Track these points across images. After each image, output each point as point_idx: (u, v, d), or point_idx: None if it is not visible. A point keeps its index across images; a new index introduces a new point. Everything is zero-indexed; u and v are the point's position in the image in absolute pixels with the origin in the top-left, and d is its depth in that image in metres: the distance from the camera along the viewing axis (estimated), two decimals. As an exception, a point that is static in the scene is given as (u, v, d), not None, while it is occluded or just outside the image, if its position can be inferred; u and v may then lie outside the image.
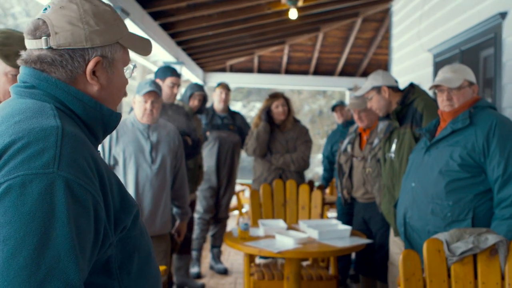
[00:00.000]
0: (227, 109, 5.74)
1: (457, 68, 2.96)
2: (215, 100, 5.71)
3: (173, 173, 3.60)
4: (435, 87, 2.97)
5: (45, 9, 1.25)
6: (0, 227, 0.99)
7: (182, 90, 6.01)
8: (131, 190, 3.37)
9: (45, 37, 1.21)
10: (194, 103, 5.07)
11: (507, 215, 2.60)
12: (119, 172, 3.40)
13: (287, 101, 4.91)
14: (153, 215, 3.42)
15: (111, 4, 1.34)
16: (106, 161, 3.39)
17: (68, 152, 1.08)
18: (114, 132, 3.43)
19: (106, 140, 3.41)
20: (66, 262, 1.00)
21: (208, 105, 5.67)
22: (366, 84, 3.68)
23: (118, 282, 1.19)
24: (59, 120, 1.13)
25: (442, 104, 2.95)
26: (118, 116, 1.33)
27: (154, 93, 3.45)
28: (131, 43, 1.32)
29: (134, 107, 3.51)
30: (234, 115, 5.80)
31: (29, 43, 1.24)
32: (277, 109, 4.87)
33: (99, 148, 3.35)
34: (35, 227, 0.99)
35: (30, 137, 1.07)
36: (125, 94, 1.39)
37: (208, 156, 5.53)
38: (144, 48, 1.37)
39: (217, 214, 5.68)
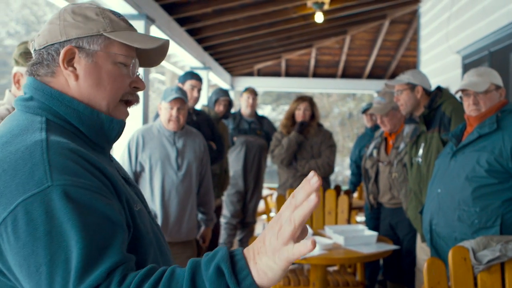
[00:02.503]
0: (254, 113, 5.74)
1: (483, 72, 2.90)
2: (243, 105, 5.72)
3: (199, 179, 3.61)
4: (461, 91, 2.91)
5: None
6: (27, 258, 1.00)
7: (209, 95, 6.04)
8: (157, 196, 3.39)
9: (32, 42, 1.27)
10: (220, 108, 5.08)
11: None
12: (145, 179, 3.43)
13: (312, 106, 4.86)
14: (179, 221, 3.44)
15: (98, 6, 1.33)
16: (133, 167, 3.42)
17: (57, 160, 1.07)
18: (140, 139, 3.45)
19: (133, 147, 3.44)
20: (97, 255, 1.01)
21: (234, 110, 5.69)
22: (402, 76, 3.59)
23: None
24: (45, 133, 1.13)
25: (468, 108, 2.89)
26: (120, 123, 1.29)
27: (180, 100, 3.47)
28: (121, 37, 1.26)
29: (160, 113, 3.53)
30: (261, 119, 5.80)
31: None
32: (299, 111, 4.83)
33: (126, 153, 3.36)
34: (56, 244, 1.00)
35: (17, 161, 1.06)
36: (136, 99, 1.33)
37: (235, 160, 5.54)
38: (144, 41, 1.28)
39: (244, 219, 5.68)
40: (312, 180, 0.91)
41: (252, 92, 5.69)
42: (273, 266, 0.93)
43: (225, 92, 5.15)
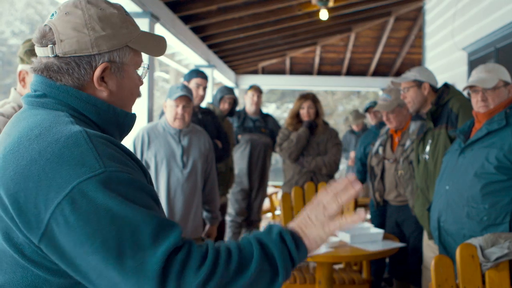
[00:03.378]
0: (259, 111, 5.73)
1: (492, 68, 2.87)
2: (247, 103, 5.71)
3: (204, 177, 3.61)
4: (469, 87, 2.89)
5: (52, 15, 1.23)
6: (92, 235, 1.01)
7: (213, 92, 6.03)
8: (162, 194, 3.39)
9: (51, 45, 1.19)
10: (225, 106, 5.07)
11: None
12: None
13: (315, 104, 4.86)
14: (184, 219, 3.43)
15: (118, 4, 1.29)
16: None
17: (102, 149, 1.09)
18: (145, 137, 3.45)
19: (138, 145, 3.44)
20: (166, 226, 1.06)
21: (239, 107, 5.67)
22: (408, 74, 3.57)
23: None
24: (78, 125, 1.13)
25: (477, 105, 2.86)
26: (133, 117, 1.32)
27: (186, 97, 3.45)
28: (142, 45, 1.27)
29: (166, 111, 3.52)
30: (266, 117, 5.78)
31: (38, 51, 1.23)
32: (303, 110, 4.83)
33: (132, 151, 3.37)
34: (120, 220, 1.02)
35: (61, 149, 1.06)
36: (138, 95, 1.36)
37: (240, 158, 5.53)
38: (157, 48, 1.32)
39: (250, 217, 5.68)
40: (354, 184, 1.23)
41: (257, 90, 5.68)
42: (322, 235, 1.21)
43: (230, 90, 5.14)
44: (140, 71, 1.31)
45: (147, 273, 1.01)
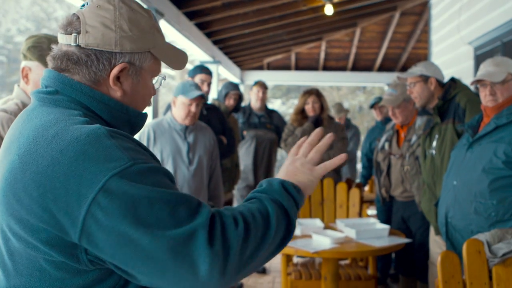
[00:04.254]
0: (264, 107, 5.72)
1: (500, 61, 2.84)
2: (252, 99, 5.69)
3: (209, 173, 3.60)
4: (477, 81, 2.86)
5: (83, 5, 1.23)
6: (136, 223, 1.03)
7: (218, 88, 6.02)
8: None
9: (75, 34, 1.18)
10: (230, 102, 5.06)
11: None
12: None
13: (320, 98, 4.85)
14: None
15: (149, 9, 1.30)
16: None
17: (124, 144, 1.10)
18: (151, 133, 3.44)
19: (144, 141, 3.43)
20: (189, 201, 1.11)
21: (244, 103, 5.66)
22: (414, 69, 3.55)
23: None
24: (93, 124, 1.13)
25: (485, 99, 2.83)
26: (145, 116, 1.32)
27: (202, 98, 3.47)
28: (163, 55, 1.27)
29: (174, 107, 3.50)
30: (271, 113, 5.77)
31: (60, 37, 1.22)
32: (308, 106, 4.83)
33: None
34: (158, 203, 1.05)
35: (83, 146, 1.06)
36: (149, 104, 1.35)
37: (245, 154, 5.52)
38: (178, 61, 1.32)
39: None
40: (316, 130, 1.39)
41: (262, 85, 5.67)
42: (313, 179, 1.32)
43: (235, 86, 5.13)
44: (155, 80, 1.32)
45: (195, 240, 1.05)
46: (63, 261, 1.07)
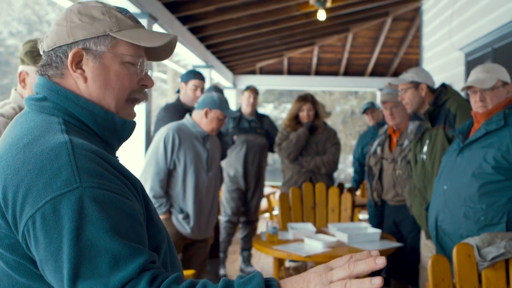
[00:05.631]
0: (254, 112, 5.71)
1: (490, 68, 2.88)
2: (243, 104, 5.69)
3: None
4: (468, 88, 2.89)
5: None
6: (55, 254, 1.02)
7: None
8: (190, 197, 3.46)
9: (41, 43, 1.28)
10: None
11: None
12: (177, 178, 3.46)
13: (314, 106, 4.88)
14: (208, 220, 3.58)
15: (135, 10, 1.32)
16: (168, 165, 3.43)
17: (83, 163, 1.08)
18: (176, 138, 3.45)
19: (169, 144, 3.43)
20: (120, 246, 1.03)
21: (235, 108, 5.66)
22: (405, 75, 3.58)
23: None
24: (66, 135, 1.14)
25: (475, 105, 2.87)
26: (132, 124, 1.32)
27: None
28: (129, 35, 1.26)
29: (205, 118, 3.53)
30: (262, 118, 5.76)
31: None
32: (302, 113, 4.86)
33: (161, 149, 3.38)
34: (85, 241, 1.01)
35: (42, 161, 1.07)
36: (144, 96, 1.34)
37: (236, 159, 5.52)
38: (153, 39, 1.28)
39: (247, 217, 5.68)
40: (378, 260, 0.96)
41: (253, 91, 5.65)
42: None
43: (219, 91, 5.12)
44: (135, 65, 1.29)
45: None
46: (27, 267, 1.10)
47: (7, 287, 1.12)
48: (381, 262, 0.95)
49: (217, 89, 5.16)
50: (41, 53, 1.28)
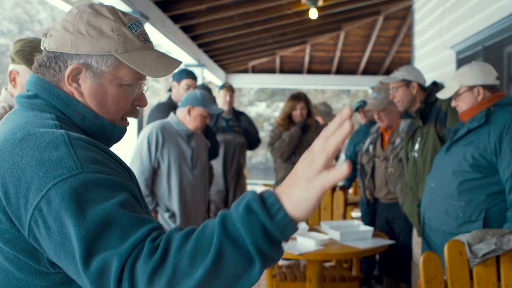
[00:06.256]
0: (231, 110, 5.59)
1: (456, 75, 2.96)
2: (220, 103, 5.52)
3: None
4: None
5: None
6: (67, 239, 1.01)
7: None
8: (175, 195, 3.44)
9: (44, 38, 1.26)
10: None
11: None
12: (161, 176, 3.45)
13: (307, 105, 4.88)
14: (195, 218, 3.55)
15: (131, 15, 1.27)
16: (152, 163, 3.42)
17: (83, 152, 1.09)
18: (160, 136, 3.43)
19: (152, 143, 3.41)
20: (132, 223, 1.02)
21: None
22: (396, 73, 3.60)
23: None
24: (61, 128, 1.14)
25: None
26: (122, 129, 1.31)
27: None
28: (133, 60, 1.22)
29: (188, 116, 3.51)
30: (239, 116, 5.65)
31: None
32: (296, 112, 4.85)
33: (145, 148, 3.36)
34: (90, 221, 1.00)
35: (41, 153, 1.07)
36: (135, 115, 1.33)
37: (214, 160, 5.44)
38: (157, 68, 1.25)
39: None
40: (344, 110, 0.93)
41: (230, 89, 5.55)
42: (307, 195, 0.93)
43: (209, 91, 5.09)
44: (133, 86, 1.28)
45: (109, 272, 0.97)
46: (26, 262, 1.10)
47: (4, 282, 1.12)
48: (346, 110, 0.92)
49: (204, 87, 5.13)
50: (42, 48, 1.25)
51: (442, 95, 2.91)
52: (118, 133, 1.30)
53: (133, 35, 1.25)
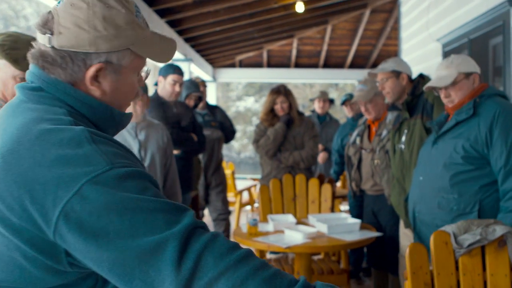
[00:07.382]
0: (205, 105, 5.54)
1: (450, 63, 2.88)
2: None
3: (164, 172, 3.58)
4: (433, 88, 2.92)
5: (59, 2, 1.19)
6: (106, 231, 1.00)
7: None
8: None
9: (49, 35, 1.16)
10: (190, 103, 4.98)
11: (511, 207, 2.56)
12: None
13: (288, 97, 4.80)
14: None
15: (130, 0, 1.23)
16: None
17: (106, 148, 1.08)
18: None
19: None
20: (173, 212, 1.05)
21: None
22: (385, 65, 3.58)
23: None
24: (78, 125, 1.12)
25: (444, 101, 2.92)
26: (129, 116, 1.31)
27: (144, 94, 3.47)
28: (146, 50, 1.23)
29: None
30: (213, 110, 5.61)
31: (38, 36, 1.20)
32: (276, 106, 4.78)
33: None
34: (131, 211, 1.01)
35: (65, 150, 1.05)
36: (137, 95, 1.36)
37: (201, 153, 5.40)
38: (163, 53, 1.28)
39: (218, 214, 5.56)
40: None
41: (202, 83, 5.54)
42: None
43: (196, 87, 5.04)
44: (140, 74, 1.29)
45: (164, 252, 0.99)
46: (44, 261, 1.07)
47: (18, 279, 1.09)
48: None
49: (192, 82, 5.10)
50: (47, 45, 1.17)
51: (439, 83, 2.83)
52: (126, 121, 1.30)
53: (140, 23, 1.23)
